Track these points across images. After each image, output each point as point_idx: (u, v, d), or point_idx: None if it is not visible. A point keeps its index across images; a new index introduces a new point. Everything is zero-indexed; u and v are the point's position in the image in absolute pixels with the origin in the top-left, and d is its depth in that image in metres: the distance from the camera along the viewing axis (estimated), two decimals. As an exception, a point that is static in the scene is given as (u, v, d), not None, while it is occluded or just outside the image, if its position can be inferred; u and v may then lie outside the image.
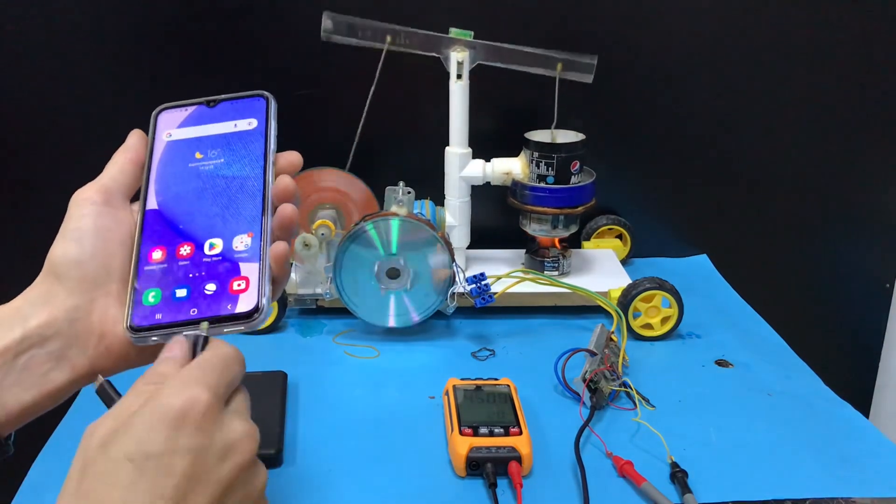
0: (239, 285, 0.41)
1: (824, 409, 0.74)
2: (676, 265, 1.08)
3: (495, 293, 0.83)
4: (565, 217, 0.91)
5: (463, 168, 0.90)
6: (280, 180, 0.44)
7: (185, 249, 0.42)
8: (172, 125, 0.46)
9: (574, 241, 1.00)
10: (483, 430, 0.65)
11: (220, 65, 0.95)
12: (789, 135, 1.04)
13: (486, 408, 0.68)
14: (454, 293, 0.83)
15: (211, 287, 0.41)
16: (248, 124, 0.46)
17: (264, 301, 0.40)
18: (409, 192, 0.85)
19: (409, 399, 0.75)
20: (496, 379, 0.73)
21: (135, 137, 0.46)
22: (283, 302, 0.87)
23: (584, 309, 0.90)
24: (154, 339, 0.40)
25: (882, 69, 1.01)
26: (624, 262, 1.02)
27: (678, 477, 0.62)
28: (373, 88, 0.86)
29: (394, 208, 0.83)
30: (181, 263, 0.42)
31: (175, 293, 0.41)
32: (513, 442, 0.63)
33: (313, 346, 0.85)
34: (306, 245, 0.83)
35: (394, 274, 0.83)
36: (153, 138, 0.46)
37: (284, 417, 0.70)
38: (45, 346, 0.40)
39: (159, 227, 0.43)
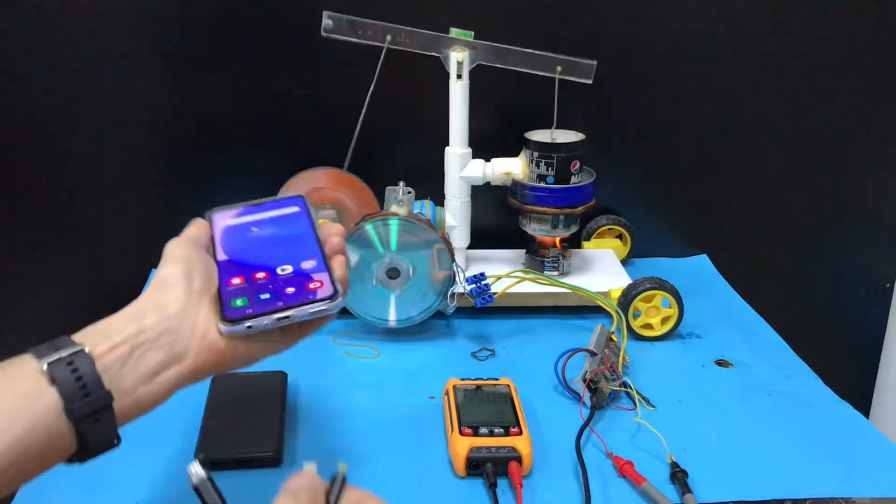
0: (314, 285, 0.48)
1: (824, 409, 0.74)
2: (676, 265, 1.08)
3: (495, 293, 0.83)
4: (565, 217, 0.91)
5: (463, 168, 0.90)
6: (327, 226, 0.53)
7: (261, 275, 0.49)
8: (226, 219, 0.55)
9: (574, 241, 1.00)
10: (483, 430, 0.65)
11: (220, 66, 0.95)
12: (789, 135, 1.04)
13: (486, 408, 0.68)
14: (454, 293, 0.83)
15: (290, 289, 0.48)
16: (291, 210, 0.56)
17: (339, 287, 0.48)
18: (409, 192, 0.85)
19: (409, 399, 0.75)
20: (496, 379, 0.73)
21: (197, 223, 0.53)
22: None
23: (584, 309, 0.90)
24: (248, 325, 0.45)
25: (882, 69, 1.01)
26: (624, 262, 1.02)
27: (678, 477, 0.62)
28: (371, 88, 0.86)
29: (394, 208, 0.83)
30: (260, 283, 0.49)
31: (259, 297, 0.47)
32: (513, 442, 0.63)
33: (313, 346, 0.85)
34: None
35: (394, 274, 0.83)
36: (211, 228, 0.53)
37: (284, 417, 0.70)
38: (158, 341, 0.43)
39: (233, 267, 0.50)
